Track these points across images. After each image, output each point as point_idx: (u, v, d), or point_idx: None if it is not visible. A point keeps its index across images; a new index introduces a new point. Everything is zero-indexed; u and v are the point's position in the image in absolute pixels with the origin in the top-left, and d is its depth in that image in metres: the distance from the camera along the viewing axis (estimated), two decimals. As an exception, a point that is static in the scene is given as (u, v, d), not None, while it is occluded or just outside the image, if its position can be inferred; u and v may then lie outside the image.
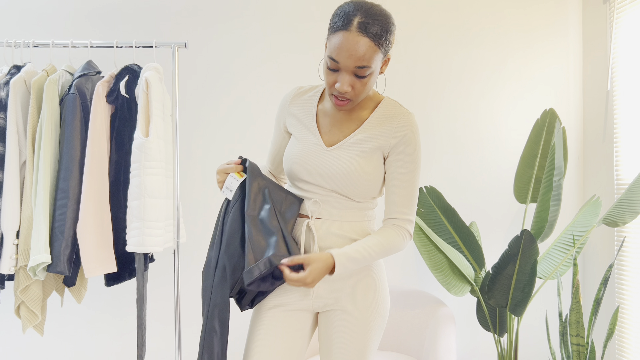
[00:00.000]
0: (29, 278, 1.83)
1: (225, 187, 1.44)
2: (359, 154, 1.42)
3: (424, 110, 2.73)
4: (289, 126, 1.53)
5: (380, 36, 1.31)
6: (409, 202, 1.44)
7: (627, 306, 2.43)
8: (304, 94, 1.54)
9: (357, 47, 1.29)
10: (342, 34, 1.30)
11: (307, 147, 1.46)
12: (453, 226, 2.51)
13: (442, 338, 2.18)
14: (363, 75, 1.33)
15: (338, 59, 1.32)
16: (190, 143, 2.62)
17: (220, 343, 1.44)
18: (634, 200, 2.21)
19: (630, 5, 2.42)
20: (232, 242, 1.41)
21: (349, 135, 1.44)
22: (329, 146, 1.44)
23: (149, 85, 1.83)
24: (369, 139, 1.43)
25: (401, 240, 1.43)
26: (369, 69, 1.33)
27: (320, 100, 1.51)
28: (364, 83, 1.35)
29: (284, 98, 1.57)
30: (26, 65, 1.94)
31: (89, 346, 2.62)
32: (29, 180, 1.83)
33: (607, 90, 2.58)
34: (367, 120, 1.45)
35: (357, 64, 1.31)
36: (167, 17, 2.65)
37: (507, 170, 2.72)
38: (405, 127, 1.42)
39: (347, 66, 1.32)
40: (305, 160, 1.44)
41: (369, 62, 1.32)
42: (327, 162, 1.42)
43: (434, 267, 2.36)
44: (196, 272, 2.62)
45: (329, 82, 1.37)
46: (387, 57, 1.40)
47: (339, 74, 1.34)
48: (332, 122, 1.47)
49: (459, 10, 2.74)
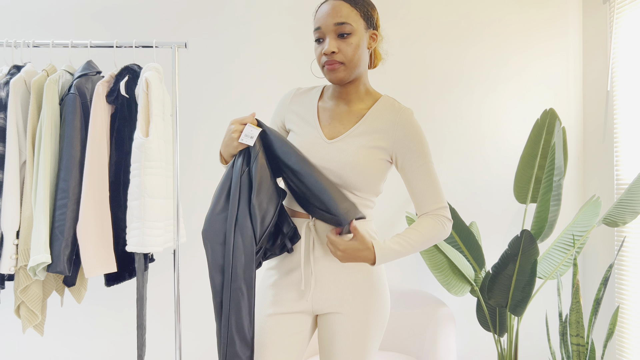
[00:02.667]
0: (29, 278, 1.83)
1: (244, 134, 1.38)
2: (360, 147, 1.43)
3: (425, 111, 2.73)
4: (287, 122, 1.54)
5: (357, 2, 1.42)
6: (435, 192, 1.44)
7: (627, 306, 2.43)
8: (304, 93, 1.57)
9: (335, 7, 1.40)
10: (322, 6, 1.43)
11: (308, 140, 1.47)
12: (453, 226, 2.51)
13: (442, 338, 2.18)
14: (344, 33, 1.39)
15: (319, 24, 1.41)
16: (190, 143, 2.63)
17: (248, 304, 1.37)
18: (634, 200, 2.21)
19: (630, 5, 2.42)
20: (264, 187, 1.38)
21: (350, 128, 1.46)
22: (330, 139, 1.45)
23: (149, 85, 1.83)
24: (370, 132, 1.44)
25: (441, 227, 1.43)
26: (349, 26, 1.39)
27: (320, 98, 1.54)
28: (348, 43, 1.40)
29: (285, 96, 1.59)
30: (26, 65, 1.94)
31: (88, 346, 2.62)
32: (29, 180, 1.83)
33: (607, 90, 2.58)
34: (367, 114, 1.47)
35: (336, 20, 1.39)
36: (167, 17, 2.65)
37: (507, 170, 2.72)
38: (404, 124, 1.44)
39: (328, 26, 1.39)
40: (306, 154, 1.44)
41: (347, 19, 1.39)
42: (328, 154, 1.43)
43: (434, 267, 2.36)
44: (196, 272, 2.63)
45: (318, 55, 1.44)
46: (373, 32, 1.47)
47: (324, 42, 1.41)
48: (332, 117, 1.49)
49: (460, 13, 2.74)
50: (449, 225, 1.44)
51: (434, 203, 1.43)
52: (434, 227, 1.42)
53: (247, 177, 1.39)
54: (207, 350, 2.64)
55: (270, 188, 1.40)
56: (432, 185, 1.43)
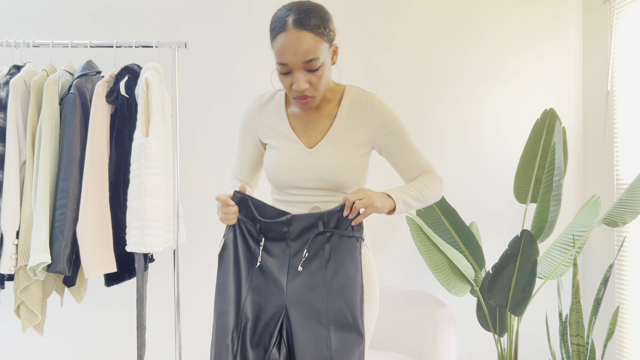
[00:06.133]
0: (28, 278, 1.83)
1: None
2: (342, 149, 1.44)
3: (425, 111, 2.73)
4: (263, 137, 1.53)
5: (318, 26, 1.33)
6: (421, 161, 1.49)
7: (627, 306, 2.43)
8: (268, 102, 1.53)
9: (299, 42, 1.31)
10: (282, 36, 1.32)
11: (289, 153, 1.46)
12: (453, 226, 2.51)
13: (442, 338, 2.18)
14: (314, 68, 1.34)
15: (285, 61, 1.33)
16: (190, 143, 2.62)
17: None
18: (634, 200, 2.21)
19: (630, 6, 2.42)
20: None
21: (327, 132, 1.46)
22: (311, 148, 1.46)
23: (149, 85, 1.83)
24: (347, 130, 1.46)
25: (439, 183, 1.49)
26: (318, 60, 1.34)
27: (286, 105, 1.52)
28: (318, 76, 1.36)
29: (250, 111, 1.55)
30: (26, 65, 1.94)
31: (88, 346, 2.62)
32: (29, 180, 1.83)
33: (607, 90, 2.58)
34: (338, 113, 1.47)
35: (304, 58, 1.32)
36: (167, 17, 2.65)
37: (507, 170, 2.72)
38: (377, 112, 1.46)
39: (296, 64, 1.33)
40: (291, 167, 1.45)
41: (315, 54, 1.33)
42: (313, 164, 1.44)
43: (434, 267, 2.36)
44: (196, 272, 2.63)
45: (286, 86, 1.39)
46: (334, 46, 1.41)
47: (292, 75, 1.36)
48: (306, 124, 1.48)
49: (460, 13, 2.74)
50: (441, 182, 1.50)
51: (422, 169, 1.49)
52: (430, 180, 1.48)
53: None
54: (207, 350, 2.64)
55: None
56: (415, 157, 1.49)
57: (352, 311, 1.33)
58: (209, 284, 2.61)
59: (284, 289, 1.38)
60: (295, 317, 1.35)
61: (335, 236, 1.38)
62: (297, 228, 1.40)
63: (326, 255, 1.38)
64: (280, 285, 1.39)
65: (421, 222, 2.37)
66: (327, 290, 1.36)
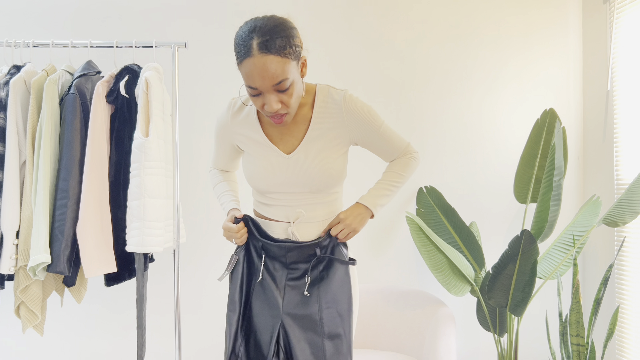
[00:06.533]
0: (28, 278, 1.83)
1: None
2: (321, 151, 1.46)
3: (426, 111, 2.73)
4: (240, 144, 1.55)
5: (284, 47, 1.28)
6: (397, 141, 1.56)
7: (627, 306, 2.43)
8: (240, 111, 1.52)
9: (267, 68, 1.27)
10: (248, 61, 1.28)
11: (267, 160, 1.47)
12: (453, 226, 2.51)
13: (442, 338, 2.18)
14: (284, 89, 1.32)
15: (255, 85, 1.30)
16: (190, 143, 2.62)
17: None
18: (634, 200, 2.21)
19: (630, 5, 2.42)
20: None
21: (303, 137, 1.46)
22: (289, 153, 1.46)
23: (149, 85, 1.83)
24: (323, 132, 1.46)
25: (412, 160, 1.59)
26: (288, 81, 1.31)
27: (259, 114, 1.51)
28: (289, 94, 1.34)
29: (221, 121, 1.55)
30: (26, 65, 1.94)
31: (88, 346, 2.62)
32: (29, 180, 1.83)
33: (607, 90, 2.58)
34: (313, 116, 1.46)
35: (273, 82, 1.29)
36: (167, 17, 2.65)
37: (507, 170, 2.72)
38: (350, 110, 1.46)
39: (266, 87, 1.30)
40: (270, 173, 1.46)
41: (285, 75, 1.29)
42: (292, 168, 1.45)
43: (434, 267, 2.36)
44: (196, 272, 2.63)
45: (258, 106, 1.36)
46: (303, 59, 1.38)
47: (262, 96, 1.33)
48: (281, 131, 1.48)
49: (460, 14, 2.74)
50: (416, 155, 1.60)
51: (398, 150, 1.57)
52: (405, 163, 1.58)
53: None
54: (207, 350, 2.64)
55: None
56: (392, 142, 1.55)
57: (343, 321, 1.46)
58: (209, 284, 2.62)
59: (281, 303, 1.47)
60: (291, 328, 1.45)
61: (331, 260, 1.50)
62: (295, 255, 1.49)
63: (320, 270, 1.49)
64: (277, 298, 1.48)
65: (421, 222, 2.37)
66: (320, 303, 1.46)
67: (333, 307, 1.46)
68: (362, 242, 2.69)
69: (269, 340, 1.45)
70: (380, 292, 2.52)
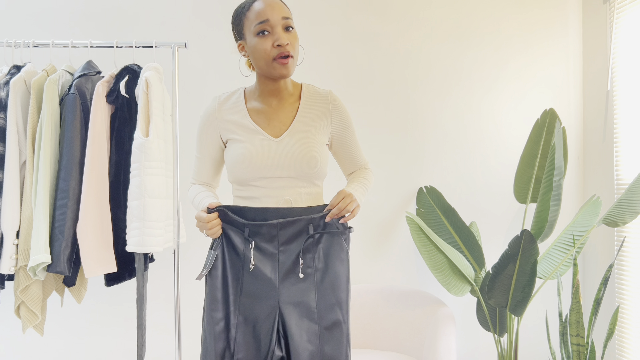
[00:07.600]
0: (29, 278, 1.83)
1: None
2: (308, 136, 1.49)
3: (425, 110, 2.73)
4: (225, 133, 1.52)
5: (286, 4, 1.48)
6: (362, 154, 1.65)
7: (627, 306, 2.43)
8: (227, 100, 1.56)
9: (277, 2, 1.45)
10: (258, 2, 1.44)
11: (255, 143, 1.47)
12: (453, 226, 2.51)
13: (442, 338, 2.18)
14: (291, 26, 1.45)
15: (266, 17, 1.41)
16: (190, 143, 2.62)
17: None
18: (634, 200, 2.21)
19: (630, 5, 2.42)
20: None
21: (292, 122, 1.50)
22: (277, 137, 1.48)
23: (149, 85, 1.83)
24: (310, 121, 1.51)
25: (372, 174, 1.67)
26: (292, 22, 1.46)
27: (246, 101, 1.54)
28: (294, 36, 1.45)
29: (208, 110, 1.56)
30: (26, 65, 1.94)
31: (88, 346, 2.62)
32: (29, 180, 1.83)
33: (607, 90, 2.58)
34: (300, 105, 1.52)
35: (284, 14, 1.44)
36: (167, 17, 2.65)
37: (507, 170, 2.72)
38: (336, 106, 1.55)
39: (277, 20, 1.42)
40: (258, 157, 1.45)
41: (289, 15, 1.46)
42: (281, 152, 1.46)
43: (434, 267, 2.36)
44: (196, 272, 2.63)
45: (266, 48, 1.42)
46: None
47: (272, 35, 1.42)
48: (269, 117, 1.51)
49: (460, 13, 2.74)
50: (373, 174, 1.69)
51: (362, 161, 1.65)
52: (368, 174, 1.64)
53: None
54: (207, 350, 2.64)
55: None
56: (360, 152, 1.64)
57: (341, 307, 1.47)
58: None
59: (277, 290, 1.44)
60: (289, 316, 1.42)
61: (325, 236, 1.46)
62: (289, 232, 1.44)
63: (316, 255, 1.46)
64: (273, 286, 1.44)
65: (421, 222, 2.37)
66: (318, 289, 1.45)
67: (331, 294, 1.45)
68: (362, 242, 2.69)
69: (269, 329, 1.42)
70: (380, 292, 2.52)
